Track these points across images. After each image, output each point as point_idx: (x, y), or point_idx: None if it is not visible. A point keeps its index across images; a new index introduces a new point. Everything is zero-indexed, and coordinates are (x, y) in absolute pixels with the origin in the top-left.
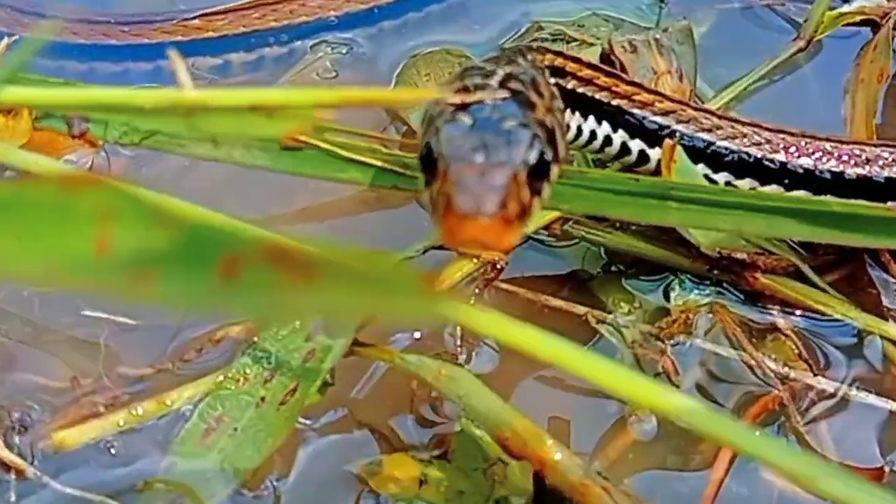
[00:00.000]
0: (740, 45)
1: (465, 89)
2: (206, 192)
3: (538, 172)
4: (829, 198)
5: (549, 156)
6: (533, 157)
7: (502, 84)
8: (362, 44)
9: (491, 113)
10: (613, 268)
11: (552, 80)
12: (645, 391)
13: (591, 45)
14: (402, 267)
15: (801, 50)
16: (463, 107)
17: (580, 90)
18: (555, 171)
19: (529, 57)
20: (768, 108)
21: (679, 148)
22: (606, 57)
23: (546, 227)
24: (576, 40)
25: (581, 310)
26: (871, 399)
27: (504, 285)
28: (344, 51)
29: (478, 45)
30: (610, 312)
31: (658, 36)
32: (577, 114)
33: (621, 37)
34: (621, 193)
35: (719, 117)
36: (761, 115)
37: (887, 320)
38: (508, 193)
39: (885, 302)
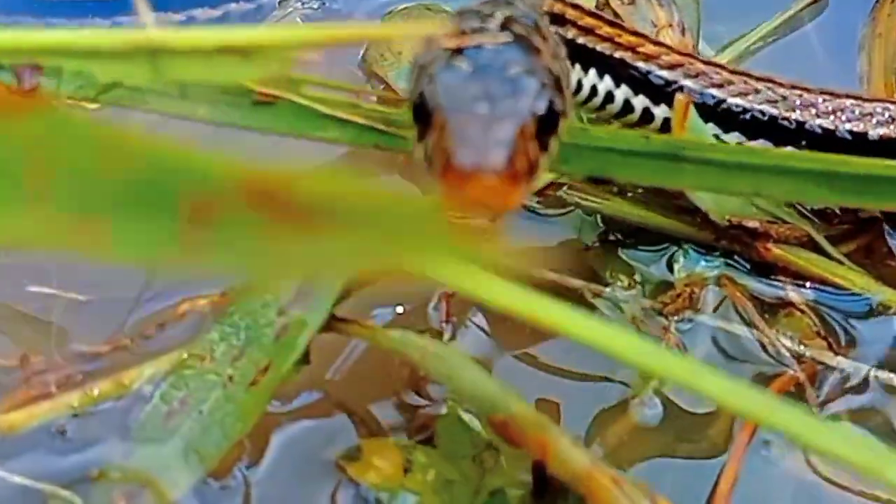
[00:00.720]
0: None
1: (462, 33)
2: None
3: (547, 125)
4: (859, 159)
5: (558, 106)
6: (542, 108)
7: (503, 28)
8: None
9: (492, 59)
10: (611, 237)
11: (552, 29)
12: (659, 359)
13: None
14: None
15: (812, 2)
16: (460, 52)
17: (581, 40)
18: (563, 123)
19: (528, 2)
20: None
21: (691, 115)
22: (601, 9)
23: (538, 194)
24: None
25: (576, 283)
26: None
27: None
28: (315, 5)
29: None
30: (607, 286)
31: None
32: (578, 66)
33: None
34: (628, 154)
35: (730, 72)
36: None
37: None
38: (516, 148)
39: None
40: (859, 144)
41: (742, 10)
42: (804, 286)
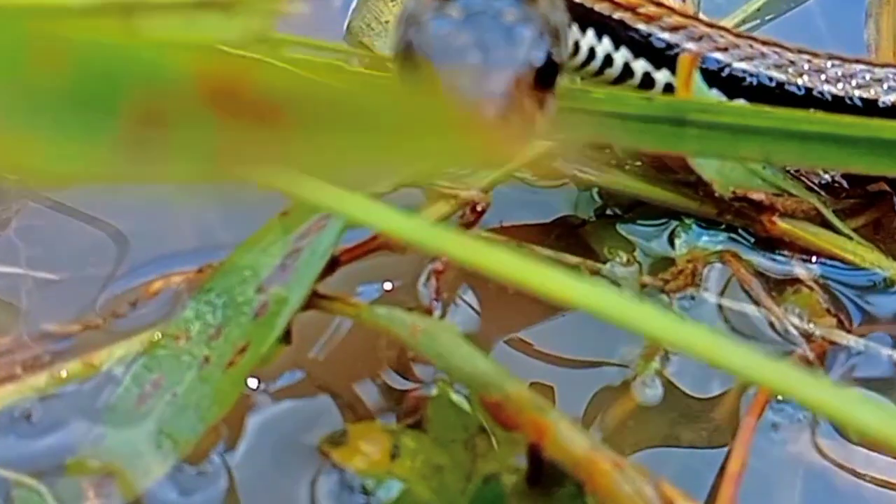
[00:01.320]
0: None
1: None
2: None
3: (545, 78)
4: (871, 122)
5: (556, 56)
6: (539, 58)
7: None
8: None
9: (485, 6)
10: (609, 212)
11: None
12: (677, 330)
13: None
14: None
15: None
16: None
17: (577, 0)
18: (561, 74)
19: None
20: None
21: (694, 81)
22: None
23: (531, 166)
24: None
25: (572, 260)
26: None
27: (482, 233)
28: None
29: None
30: (605, 262)
31: None
32: (575, 27)
33: None
34: (629, 118)
35: (735, 35)
36: None
37: None
38: (511, 101)
39: None
40: (870, 111)
41: None
42: (811, 261)
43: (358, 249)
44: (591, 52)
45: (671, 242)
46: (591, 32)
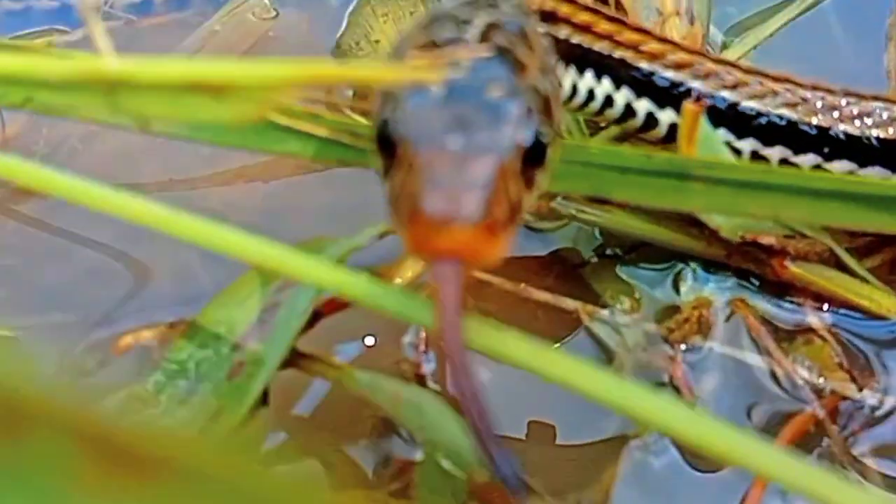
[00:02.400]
0: None
1: (434, 45)
2: (120, 156)
3: (533, 158)
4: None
5: (546, 136)
6: (527, 138)
7: (483, 38)
8: None
9: (469, 78)
10: (609, 252)
11: (542, 29)
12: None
13: None
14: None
15: None
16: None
17: (575, 40)
18: (552, 152)
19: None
20: (785, 61)
21: (702, 124)
22: None
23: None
24: None
25: (570, 304)
26: None
27: (475, 273)
28: None
29: None
30: (606, 307)
31: None
32: (573, 69)
33: None
34: (629, 172)
35: (744, 71)
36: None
37: None
38: (496, 189)
39: None
40: (888, 152)
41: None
42: (824, 309)
43: (341, 300)
44: (591, 94)
45: (676, 287)
46: (589, 74)
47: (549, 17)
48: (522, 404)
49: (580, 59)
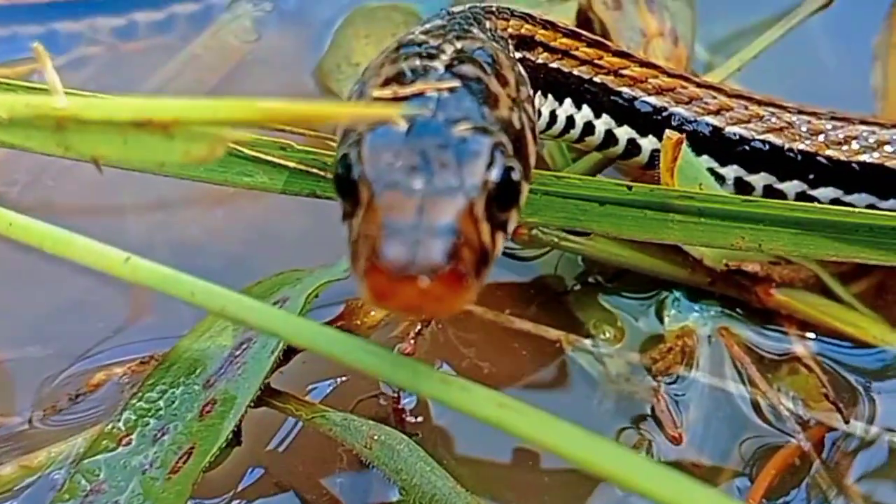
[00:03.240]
0: None
1: (400, 76)
2: (101, 184)
3: (503, 197)
4: (872, 213)
5: (516, 173)
6: (495, 176)
7: (451, 67)
8: None
9: (435, 112)
10: (592, 279)
11: (518, 55)
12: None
13: None
14: None
15: (824, 6)
16: (396, 101)
17: (554, 65)
18: (525, 189)
19: (488, 24)
20: (771, 79)
21: (684, 151)
22: (584, 15)
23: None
24: None
25: (553, 334)
26: None
27: None
28: (269, 7)
29: (430, 4)
30: (589, 337)
31: None
32: (550, 96)
33: None
34: (608, 203)
35: (728, 95)
36: (762, 88)
37: None
38: (461, 236)
39: None
40: (874, 178)
41: (738, 7)
42: (810, 337)
43: None
44: (570, 121)
45: (660, 316)
46: (568, 101)
47: (526, 42)
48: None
49: (559, 85)
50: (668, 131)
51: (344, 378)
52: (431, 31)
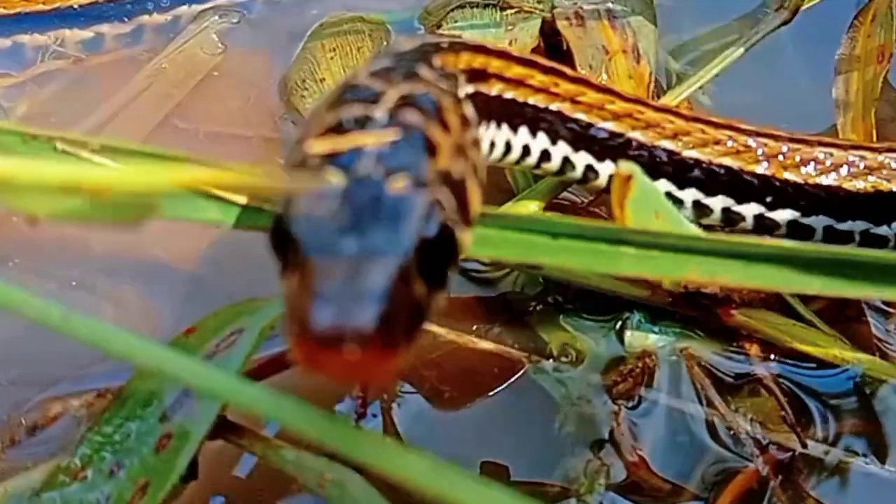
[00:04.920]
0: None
1: (340, 126)
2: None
3: (439, 255)
4: (824, 246)
5: (454, 227)
6: (431, 232)
7: (393, 115)
8: (259, 7)
9: (373, 166)
10: (551, 299)
11: (470, 89)
12: None
13: (530, 13)
14: None
15: (785, 23)
16: (333, 156)
17: (508, 95)
18: (465, 240)
19: (437, 62)
20: (740, 91)
21: (637, 178)
22: (550, 29)
23: None
24: (511, 7)
25: (515, 355)
26: (873, 467)
27: None
28: (235, 19)
29: (398, 15)
30: (552, 357)
31: (611, 5)
32: (505, 126)
33: (567, 1)
34: (560, 237)
35: (686, 119)
36: (730, 100)
37: (884, 356)
38: (392, 300)
39: (878, 333)
40: (831, 200)
41: (702, 16)
42: (771, 358)
43: (275, 363)
44: (526, 150)
45: (621, 337)
46: (524, 130)
47: (479, 74)
48: (477, 444)
49: (514, 115)
50: (619, 166)
51: None
52: (377, 72)
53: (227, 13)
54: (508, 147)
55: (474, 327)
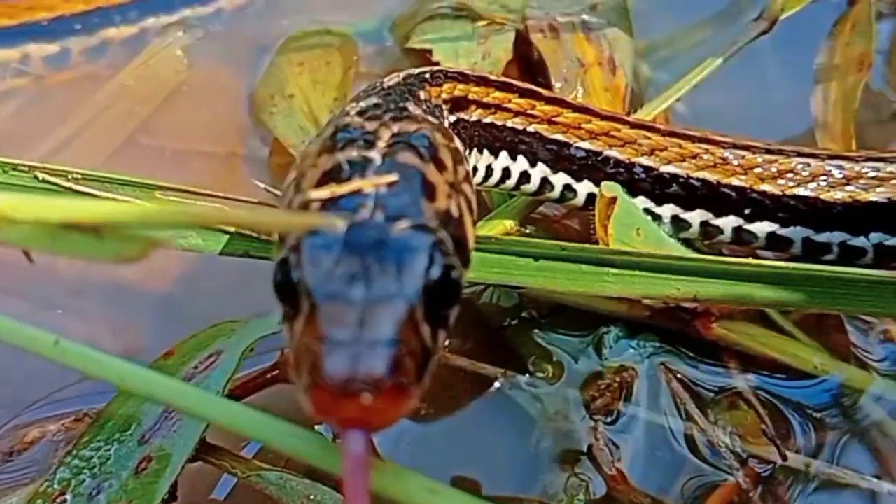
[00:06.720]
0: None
1: (337, 170)
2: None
3: (444, 297)
4: (804, 265)
5: (456, 271)
6: (436, 276)
7: (388, 156)
8: (227, 19)
9: (373, 210)
10: (526, 314)
11: (452, 118)
12: None
13: (503, 25)
14: None
15: (763, 32)
16: (334, 201)
17: (488, 120)
18: (464, 279)
19: (422, 95)
20: (718, 97)
21: (620, 199)
22: (523, 39)
23: None
24: (483, 19)
25: (491, 371)
26: (854, 479)
27: None
28: (200, 34)
29: (364, 27)
30: (528, 373)
31: (586, 16)
32: (486, 151)
33: (540, 12)
34: (542, 258)
35: (663, 134)
36: (708, 106)
37: (862, 366)
38: (402, 346)
39: (857, 342)
40: (809, 212)
41: (677, 18)
42: (750, 371)
43: (254, 381)
44: (506, 173)
45: (599, 352)
46: (504, 154)
47: (459, 103)
48: (453, 461)
49: (494, 139)
50: (603, 187)
51: None
52: (367, 111)
53: (192, 28)
54: (490, 171)
55: (449, 343)
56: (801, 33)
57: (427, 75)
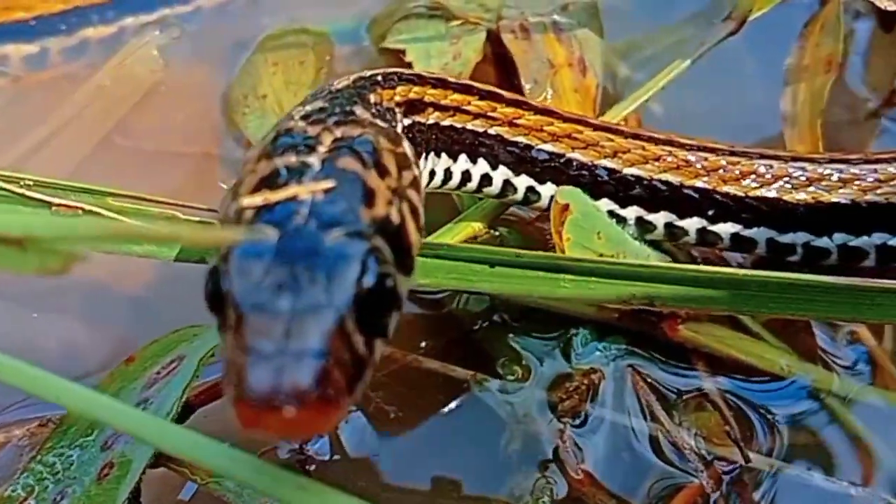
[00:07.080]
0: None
1: (274, 176)
2: None
3: (378, 306)
4: (754, 272)
5: (392, 279)
6: (369, 284)
7: (328, 162)
8: (207, 17)
9: (307, 217)
10: (496, 317)
11: (407, 122)
12: None
13: (476, 25)
14: None
15: (732, 33)
16: (267, 209)
17: (446, 123)
18: (405, 287)
19: (372, 98)
20: (692, 96)
21: (578, 201)
22: (496, 40)
23: None
24: (456, 18)
25: (461, 373)
26: (819, 480)
27: None
28: (176, 34)
29: (342, 26)
30: (498, 376)
31: (557, 17)
32: (444, 155)
33: (515, 11)
34: (498, 265)
35: (626, 136)
36: (682, 106)
37: (827, 367)
38: (330, 357)
39: (823, 344)
40: (772, 213)
41: (650, 15)
42: (717, 373)
43: (215, 389)
44: (466, 176)
45: (567, 354)
46: (463, 157)
47: (415, 105)
48: (423, 463)
49: (453, 142)
50: (557, 193)
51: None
52: (311, 115)
53: (169, 27)
54: (448, 174)
55: (419, 346)
56: (776, 34)
57: (379, 78)
